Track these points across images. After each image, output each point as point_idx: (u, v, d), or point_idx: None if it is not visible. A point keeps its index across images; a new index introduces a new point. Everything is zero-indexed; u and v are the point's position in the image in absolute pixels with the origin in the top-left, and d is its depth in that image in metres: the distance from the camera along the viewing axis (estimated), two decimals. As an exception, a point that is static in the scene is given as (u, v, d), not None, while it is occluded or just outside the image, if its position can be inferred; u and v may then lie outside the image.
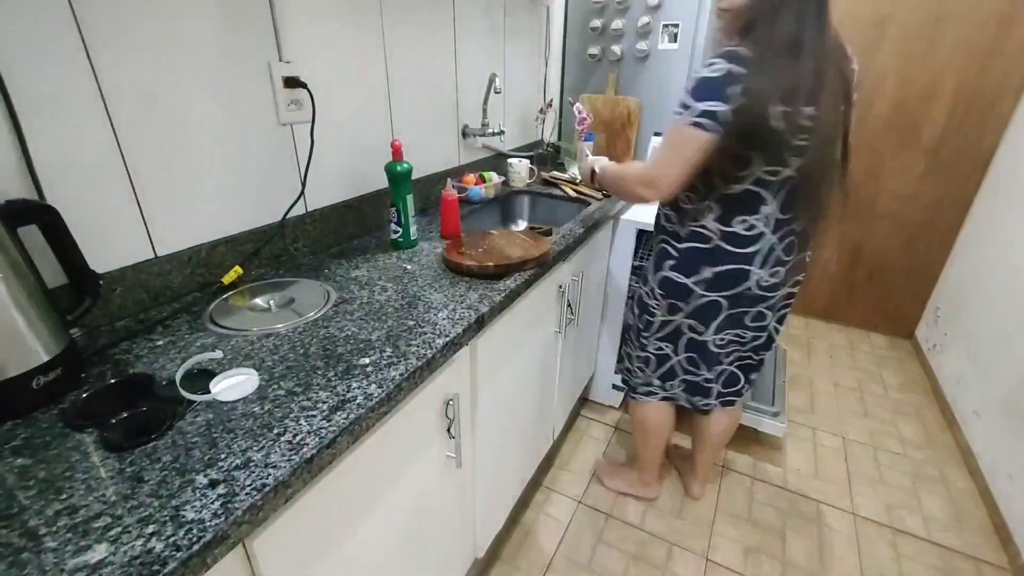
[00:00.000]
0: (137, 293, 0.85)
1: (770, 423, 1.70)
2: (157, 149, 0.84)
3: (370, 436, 0.69)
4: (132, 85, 0.78)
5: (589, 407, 2.00)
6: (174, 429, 0.59)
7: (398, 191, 1.13)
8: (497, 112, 1.80)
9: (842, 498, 1.60)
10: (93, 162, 0.76)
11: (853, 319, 2.66)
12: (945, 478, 1.69)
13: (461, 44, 1.52)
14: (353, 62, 1.16)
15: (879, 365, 2.34)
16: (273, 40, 0.98)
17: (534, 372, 1.30)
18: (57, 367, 0.64)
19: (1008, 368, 1.63)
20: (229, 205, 0.98)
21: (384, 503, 0.77)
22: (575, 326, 1.53)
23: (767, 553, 1.42)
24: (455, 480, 1.00)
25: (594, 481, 1.64)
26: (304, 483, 0.57)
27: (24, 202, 0.66)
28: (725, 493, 1.61)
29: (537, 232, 1.24)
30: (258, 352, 0.75)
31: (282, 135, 1.04)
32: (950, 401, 1.98)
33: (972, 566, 1.39)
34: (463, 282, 1.01)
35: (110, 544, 0.45)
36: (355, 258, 1.13)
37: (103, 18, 0.73)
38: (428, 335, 0.81)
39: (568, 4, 2.07)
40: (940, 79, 2.13)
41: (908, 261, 2.43)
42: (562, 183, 1.77)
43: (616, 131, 2.07)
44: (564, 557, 1.40)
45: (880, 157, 2.33)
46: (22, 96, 0.68)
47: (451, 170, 1.61)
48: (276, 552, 0.57)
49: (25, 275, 0.63)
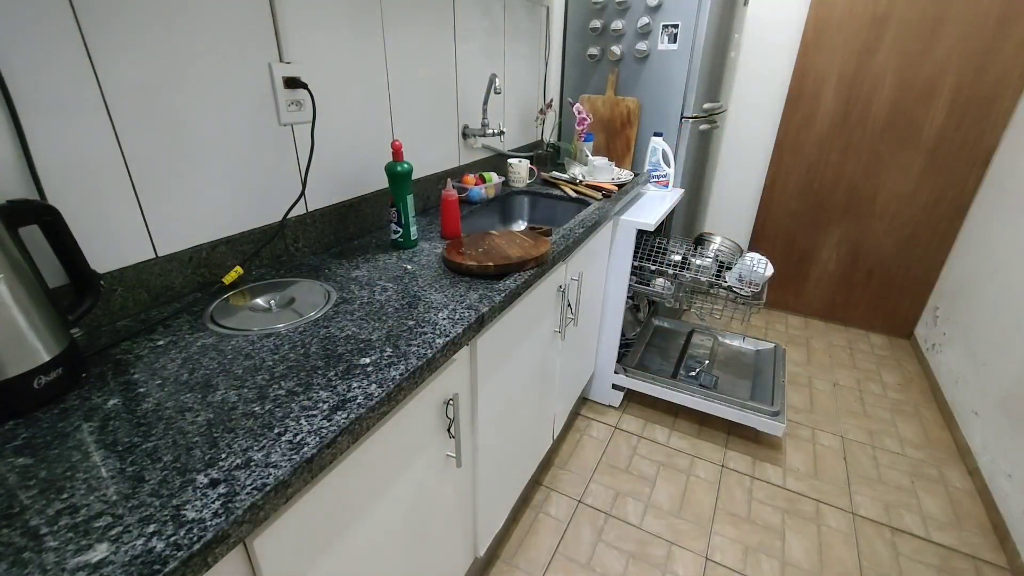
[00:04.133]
0: (138, 293, 0.85)
1: (769, 423, 1.70)
2: (158, 149, 0.84)
3: (370, 436, 0.70)
4: (133, 85, 0.78)
5: (589, 407, 2.00)
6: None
7: (398, 191, 1.13)
8: (497, 112, 1.80)
9: (841, 497, 1.61)
10: (94, 162, 0.76)
11: (852, 319, 2.66)
12: (944, 477, 1.70)
13: (461, 44, 1.52)
14: (353, 62, 1.16)
15: (878, 365, 2.34)
16: (274, 40, 0.98)
17: (534, 372, 1.30)
18: (58, 367, 0.64)
19: (1007, 368, 1.64)
20: (230, 205, 0.98)
21: (384, 502, 0.78)
22: (575, 326, 1.54)
23: (766, 552, 1.42)
24: (455, 479, 1.00)
25: (594, 482, 1.64)
26: (305, 483, 0.57)
27: (25, 202, 0.66)
28: (725, 493, 1.61)
29: (537, 232, 1.24)
30: (259, 352, 0.76)
31: (283, 135, 1.04)
32: (949, 401, 1.99)
33: (971, 565, 1.39)
34: (463, 282, 1.01)
35: (111, 543, 0.45)
36: (355, 258, 1.13)
37: (104, 18, 0.73)
38: (428, 335, 0.81)
39: (568, 4, 2.07)
40: (939, 79, 2.13)
41: (907, 261, 2.43)
42: (562, 183, 1.78)
43: (616, 131, 2.08)
44: (564, 556, 1.40)
45: (879, 157, 2.34)
46: (23, 96, 0.68)
47: (451, 170, 1.61)
48: (277, 551, 0.57)
49: (26, 275, 0.63)
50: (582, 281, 1.47)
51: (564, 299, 1.36)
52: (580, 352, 1.70)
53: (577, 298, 1.46)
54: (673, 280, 1.83)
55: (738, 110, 2.59)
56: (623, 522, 1.51)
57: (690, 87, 1.93)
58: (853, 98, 2.30)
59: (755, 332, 2.57)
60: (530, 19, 1.90)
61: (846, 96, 2.31)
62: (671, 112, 1.99)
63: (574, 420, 1.92)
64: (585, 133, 1.90)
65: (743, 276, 1.69)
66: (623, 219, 1.66)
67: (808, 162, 2.49)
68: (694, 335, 2.21)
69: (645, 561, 1.39)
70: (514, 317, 1.07)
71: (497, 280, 1.02)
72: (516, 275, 1.05)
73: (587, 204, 1.62)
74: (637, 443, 1.82)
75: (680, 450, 1.79)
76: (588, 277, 1.55)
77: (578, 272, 1.42)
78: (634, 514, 1.53)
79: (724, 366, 2.03)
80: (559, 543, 1.44)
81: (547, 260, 1.13)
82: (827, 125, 2.39)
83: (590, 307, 1.68)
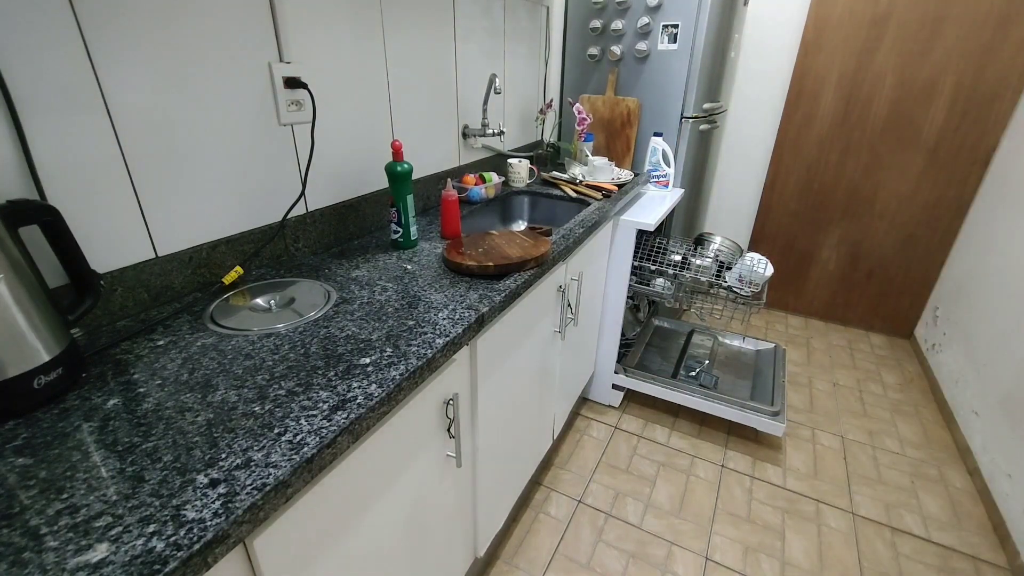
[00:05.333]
0: (138, 293, 0.85)
1: (769, 423, 1.70)
2: (158, 149, 0.84)
3: (370, 436, 0.70)
4: (133, 85, 0.78)
5: (589, 407, 2.00)
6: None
7: (398, 191, 1.13)
8: (497, 112, 1.80)
9: (841, 497, 1.61)
10: (94, 162, 0.76)
11: (852, 319, 2.66)
12: (944, 477, 1.70)
13: (461, 44, 1.52)
14: (354, 62, 1.16)
15: (878, 365, 2.34)
16: (274, 40, 0.98)
17: (534, 372, 1.30)
18: (58, 367, 0.64)
19: (1007, 368, 1.64)
20: (230, 205, 0.98)
21: (384, 502, 0.78)
22: (575, 326, 1.54)
23: (766, 552, 1.42)
24: (455, 479, 1.00)
25: (594, 482, 1.64)
26: (305, 483, 0.57)
27: (25, 202, 0.66)
28: (725, 493, 1.61)
29: (537, 232, 1.24)
30: (259, 352, 0.76)
31: (283, 135, 1.04)
32: (949, 401, 1.99)
33: (971, 565, 1.39)
34: (463, 282, 1.01)
35: (111, 543, 0.45)
36: (355, 258, 1.13)
37: (104, 18, 0.73)
38: (428, 335, 0.81)
39: (568, 5, 2.07)
40: (939, 79, 2.13)
41: (907, 261, 2.43)
42: (562, 183, 1.77)
43: (616, 131, 2.08)
44: (564, 556, 1.40)
45: (879, 157, 2.34)
46: (23, 96, 0.68)
47: (451, 170, 1.61)
48: (277, 551, 0.57)
49: (26, 275, 0.63)
50: (582, 281, 1.47)
51: (564, 299, 1.36)
52: (580, 352, 1.70)
53: (577, 298, 1.46)
54: (673, 280, 1.83)
55: (738, 110, 2.59)
56: (623, 522, 1.51)
57: (690, 87, 1.93)
58: (853, 98, 2.30)
59: (755, 332, 2.57)
60: (530, 19, 1.90)
61: (846, 96, 2.31)
62: (671, 112, 1.99)
63: (574, 420, 1.92)
64: (585, 133, 1.90)
65: (743, 276, 1.70)
66: (623, 219, 1.66)
67: (808, 162, 2.49)
68: (694, 335, 2.22)
69: (645, 561, 1.39)
70: (514, 317, 1.07)
71: (497, 280, 1.02)
72: (516, 275, 1.05)
73: (587, 204, 1.62)
74: (637, 443, 1.82)
75: (680, 450, 1.79)
76: (588, 277, 1.55)
77: (578, 272, 1.42)
78: (634, 514, 1.53)
79: (724, 366, 2.03)
80: (559, 543, 1.44)
81: (547, 260, 1.13)
82: (827, 125, 2.39)
83: (590, 307, 1.68)
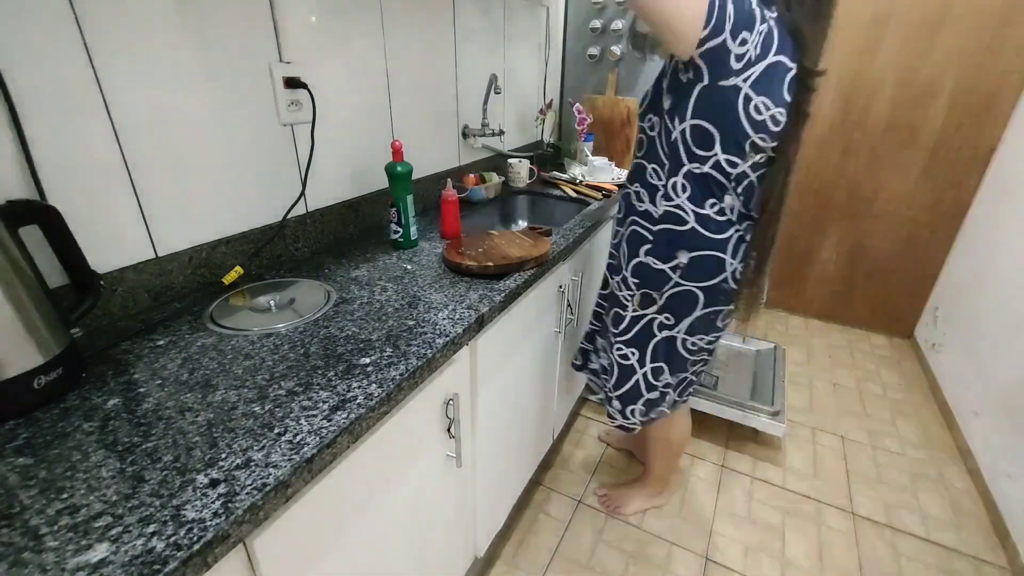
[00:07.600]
0: (138, 293, 0.85)
1: (769, 423, 1.70)
2: (158, 149, 0.84)
3: (370, 436, 0.69)
4: (133, 85, 0.78)
5: (589, 407, 2.00)
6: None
7: (398, 191, 1.13)
8: (497, 112, 1.80)
9: (841, 497, 1.61)
10: (94, 162, 0.76)
11: (852, 319, 2.66)
12: (944, 478, 1.69)
13: (461, 44, 1.52)
14: (354, 62, 1.16)
15: (878, 365, 2.34)
16: (274, 40, 0.98)
17: (534, 372, 1.30)
18: (58, 367, 0.64)
19: (1007, 368, 1.64)
20: (230, 205, 0.98)
21: (384, 502, 0.77)
22: (575, 326, 1.54)
23: (767, 552, 1.42)
24: (455, 480, 1.00)
25: (595, 482, 1.64)
26: (305, 483, 0.57)
27: (25, 202, 0.66)
28: (724, 493, 1.61)
29: (537, 232, 1.24)
30: (259, 352, 0.76)
31: (283, 135, 1.04)
32: (949, 401, 1.99)
33: (971, 565, 1.39)
34: (463, 282, 1.01)
35: (111, 543, 0.45)
36: (355, 258, 1.13)
37: (104, 19, 0.73)
38: (428, 335, 0.81)
39: (568, 5, 2.07)
40: (939, 79, 2.13)
41: (907, 261, 2.43)
42: (562, 183, 1.77)
43: (616, 131, 2.08)
44: (564, 556, 1.40)
45: (879, 157, 2.34)
46: (24, 97, 0.68)
47: (451, 170, 1.61)
48: (277, 551, 0.57)
49: (26, 275, 0.63)
50: (582, 281, 1.47)
51: (564, 299, 1.36)
52: (580, 352, 1.70)
53: (577, 298, 1.46)
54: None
55: (738, 110, 2.59)
56: (623, 522, 1.50)
57: (690, 87, 1.93)
58: (853, 98, 2.30)
59: (755, 332, 2.57)
60: (530, 19, 1.90)
61: (846, 96, 2.31)
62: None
63: (574, 420, 1.92)
64: (585, 133, 1.90)
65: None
66: (623, 219, 1.65)
67: (808, 162, 2.48)
68: (694, 335, 2.21)
69: (645, 561, 1.39)
70: (514, 317, 1.07)
71: (497, 280, 1.02)
72: (516, 275, 1.05)
73: (587, 204, 1.62)
74: (637, 443, 1.82)
75: (680, 450, 1.79)
76: (589, 277, 1.55)
77: (578, 272, 1.42)
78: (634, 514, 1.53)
79: (724, 366, 2.02)
80: (559, 543, 1.44)
81: (547, 260, 1.13)
82: (827, 125, 2.39)
83: (590, 307, 1.67)
